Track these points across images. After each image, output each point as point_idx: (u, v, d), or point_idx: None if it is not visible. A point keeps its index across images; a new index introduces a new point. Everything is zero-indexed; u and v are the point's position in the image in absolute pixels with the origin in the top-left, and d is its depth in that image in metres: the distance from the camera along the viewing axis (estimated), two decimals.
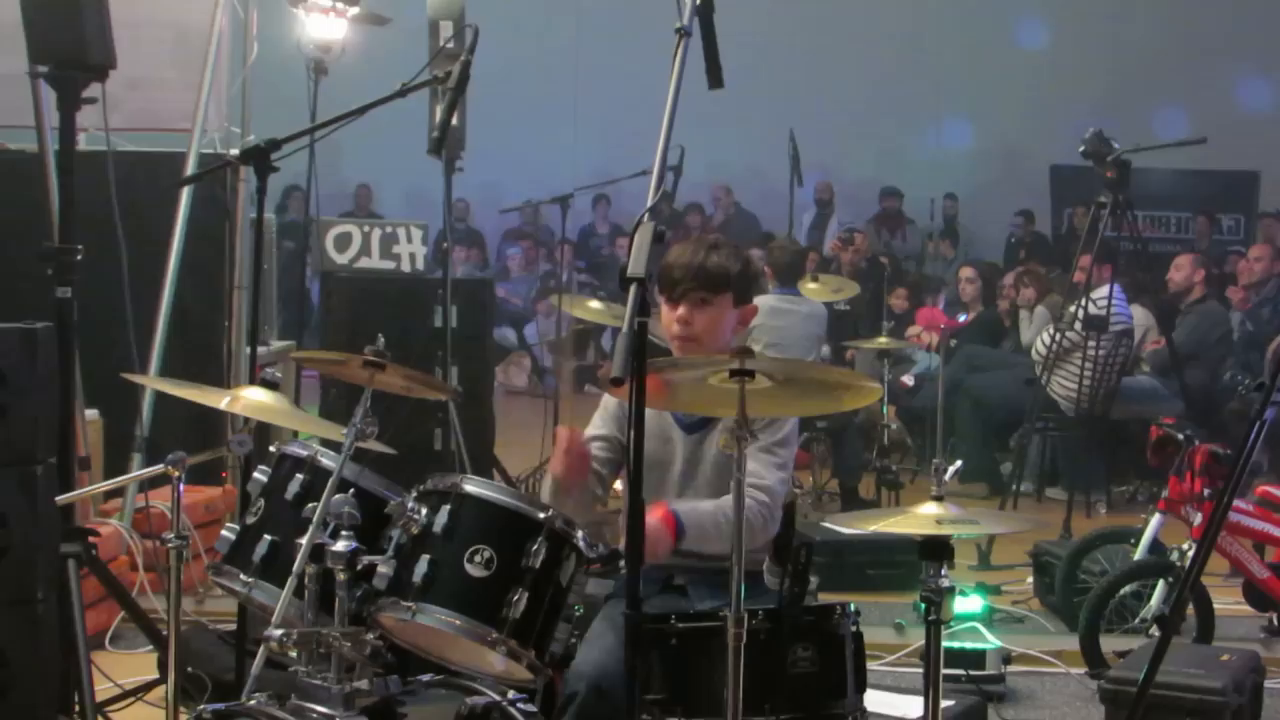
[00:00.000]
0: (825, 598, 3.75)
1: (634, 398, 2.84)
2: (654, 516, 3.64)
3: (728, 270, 3.96)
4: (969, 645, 5.72)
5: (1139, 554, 6.13)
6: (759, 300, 8.93)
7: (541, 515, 3.51)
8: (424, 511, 3.54)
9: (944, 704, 3.53)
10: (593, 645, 3.61)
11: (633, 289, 2.80)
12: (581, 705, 3.50)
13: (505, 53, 12.76)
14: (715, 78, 3.27)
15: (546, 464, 8.39)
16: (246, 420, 4.22)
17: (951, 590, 3.33)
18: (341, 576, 3.48)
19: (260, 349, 4.93)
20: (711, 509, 3.77)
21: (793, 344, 8.48)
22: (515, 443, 9.06)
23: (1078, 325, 8.92)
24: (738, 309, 4.02)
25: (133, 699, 4.90)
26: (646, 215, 2.87)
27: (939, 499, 3.37)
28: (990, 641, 5.86)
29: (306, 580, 3.55)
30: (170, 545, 4.06)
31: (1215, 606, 5.93)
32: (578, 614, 3.62)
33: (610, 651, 3.50)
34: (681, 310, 3.94)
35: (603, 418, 4.10)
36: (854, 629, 3.43)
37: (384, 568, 3.50)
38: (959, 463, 3.80)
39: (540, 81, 16.70)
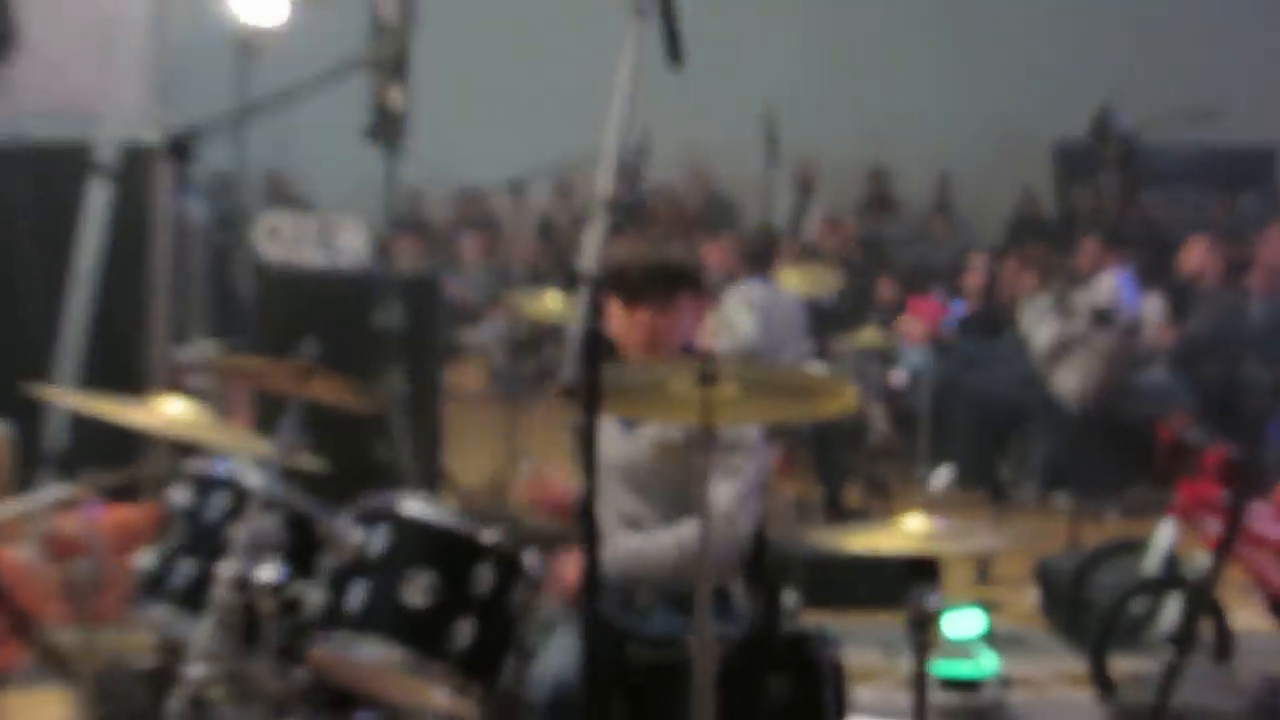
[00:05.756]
0: (810, 617, 3.73)
1: (588, 407, 2.81)
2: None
3: (685, 265, 3.96)
4: (965, 668, 5.70)
5: (1149, 566, 6.12)
6: (730, 292, 8.97)
7: (488, 538, 3.49)
8: (359, 534, 3.51)
9: None
10: (554, 654, 3.62)
11: (586, 288, 2.77)
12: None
13: (450, 29, 12.71)
14: (675, 53, 3.18)
15: (505, 473, 8.47)
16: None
17: (940, 613, 3.31)
18: (268, 607, 3.45)
19: (184, 354, 4.88)
20: (633, 547, 3.79)
21: (773, 340, 8.45)
22: (468, 450, 9.03)
23: (1083, 316, 8.91)
24: (694, 304, 4.01)
25: None
26: (602, 208, 2.85)
27: (926, 512, 3.35)
28: (988, 663, 5.84)
29: (230, 611, 3.52)
30: (83, 574, 4.03)
31: (1233, 623, 5.93)
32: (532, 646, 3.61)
33: (572, 658, 3.47)
34: (643, 314, 3.92)
35: None
36: (833, 657, 3.41)
37: (315, 596, 3.47)
38: (946, 470, 3.78)
39: (490, 59, 16.63)
